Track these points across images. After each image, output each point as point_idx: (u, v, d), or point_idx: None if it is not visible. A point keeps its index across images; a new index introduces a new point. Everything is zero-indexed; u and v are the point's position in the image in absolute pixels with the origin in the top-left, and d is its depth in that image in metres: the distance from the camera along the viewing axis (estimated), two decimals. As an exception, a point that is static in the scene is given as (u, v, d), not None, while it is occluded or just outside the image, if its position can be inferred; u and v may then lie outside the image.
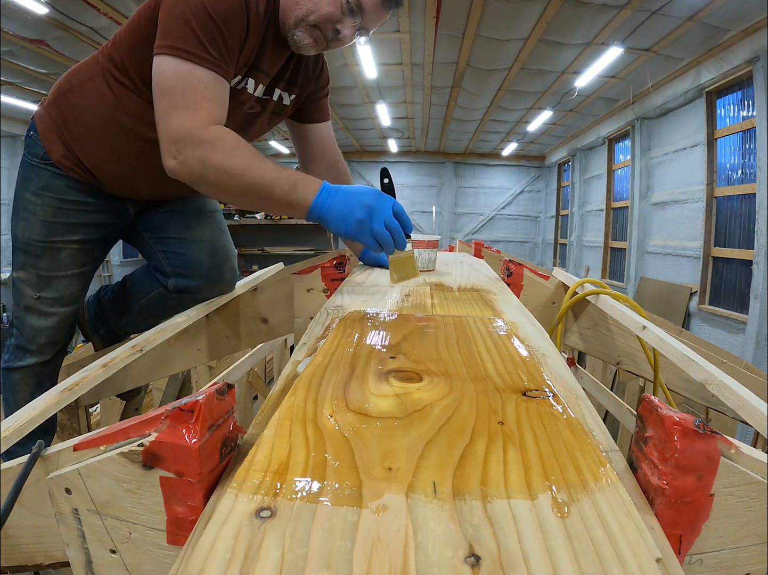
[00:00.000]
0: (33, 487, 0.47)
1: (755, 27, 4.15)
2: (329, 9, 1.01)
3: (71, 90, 1.11)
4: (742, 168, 4.85)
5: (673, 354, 0.84)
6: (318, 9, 1.01)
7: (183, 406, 0.36)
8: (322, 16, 1.02)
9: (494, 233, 11.42)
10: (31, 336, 1.19)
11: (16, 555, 0.51)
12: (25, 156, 1.18)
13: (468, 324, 0.73)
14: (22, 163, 1.19)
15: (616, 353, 1.25)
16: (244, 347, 1.40)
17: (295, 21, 1.03)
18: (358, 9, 1.02)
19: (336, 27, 1.03)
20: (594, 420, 0.45)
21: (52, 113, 1.13)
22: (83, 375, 0.86)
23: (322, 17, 1.02)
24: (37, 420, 0.71)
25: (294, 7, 1.02)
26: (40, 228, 1.15)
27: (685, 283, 5.54)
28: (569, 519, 0.30)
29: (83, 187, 1.16)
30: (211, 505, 0.35)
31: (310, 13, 1.01)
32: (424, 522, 0.29)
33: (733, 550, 0.39)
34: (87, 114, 1.10)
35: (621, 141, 7.59)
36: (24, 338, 1.20)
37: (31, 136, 1.17)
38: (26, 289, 1.17)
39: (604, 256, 7.96)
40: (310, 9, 1.01)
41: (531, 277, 1.30)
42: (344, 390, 0.47)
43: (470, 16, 4.35)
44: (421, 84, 6.37)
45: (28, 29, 4.57)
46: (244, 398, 2.48)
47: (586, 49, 4.95)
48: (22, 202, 1.16)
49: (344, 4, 1.01)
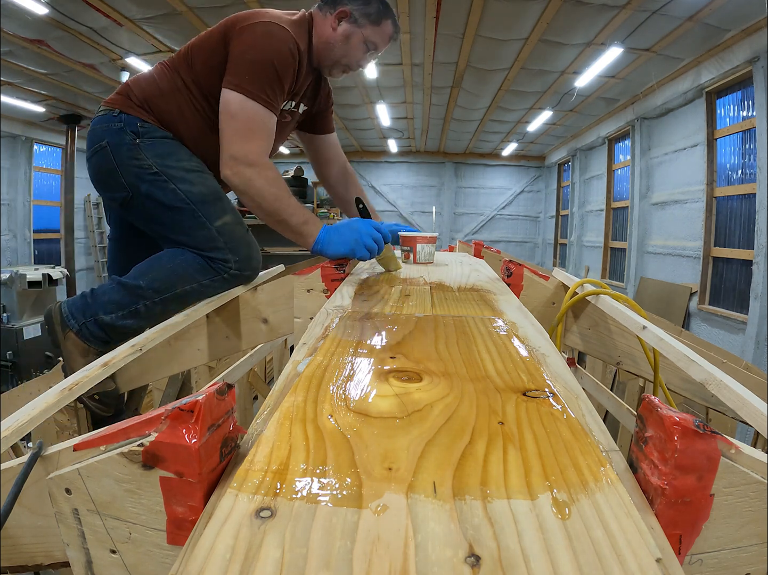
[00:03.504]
0: (33, 487, 0.47)
1: (755, 27, 4.15)
2: (358, 54, 1.41)
3: (161, 95, 1.32)
4: (742, 168, 4.84)
5: (673, 354, 0.84)
6: (348, 54, 1.40)
7: (183, 406, 0.36)
8: (352, 59, 1.41)
9: (494, 233, 11.42)
10: (256, 261, 1.36)
11: (16, 555, 0.51)
12: (147, 141, 1.29)
13: (468, 324, 0.73)
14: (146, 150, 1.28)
15: (616, 353, 1.25)
16: (244, 347, 1.39)
17: (332, 62, 1.41)
18: (375, 48, 1.42)
19: (359, 63, 1.44)
20: (594, 420, 0.45)
21: (143, 105, 1.31)
22: (83, 374, 0.85)
23: (352, 59, 1.41)
24: (37, 419, 0.71)
25: (329, 52, 1.38)
26: (209, 178, 1.33)
27: (685, 282, 5.54)
28: (569, 519, 0.30)
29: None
30: (211, 505, 0.35)
31: (342, 57, 1.40)
32: (424, 522, 0.29)
33: (733, 550, 0.39)
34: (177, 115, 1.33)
35: (621, 141, 7.59)
36: (250, 268, 1.35)
37: (142, 125, 1.30)
38: (238, 228, 1.32)
39: (604, 256, 7.96)
40: (342, 54, 1.39)
41: (531, 277, 1.30)
42: (344, 390, 0.47)
43: (470, 16, 4.35)
44: (421, 84, 6.37)
45: (28, 29, 4.57)
46: (244, 398, 2.48)
47: (586, 49, 4.95)
48: (175, 171, 1.28)
49: (366, 49, 1.41)
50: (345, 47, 1.38)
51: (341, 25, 1.36)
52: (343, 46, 1.37)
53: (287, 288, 1.27)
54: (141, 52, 5.33)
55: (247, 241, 1.34)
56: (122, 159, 1.26)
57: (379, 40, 1.41)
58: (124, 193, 1.28)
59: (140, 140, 1.27)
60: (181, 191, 1.26)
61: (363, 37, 1.38)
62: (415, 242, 1.47)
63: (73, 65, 5.60)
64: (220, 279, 1.30)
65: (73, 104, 7.30)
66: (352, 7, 1.36)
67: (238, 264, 1.30)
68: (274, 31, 1.23)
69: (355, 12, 1.36)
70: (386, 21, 1.40)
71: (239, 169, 1.22)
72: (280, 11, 1.35)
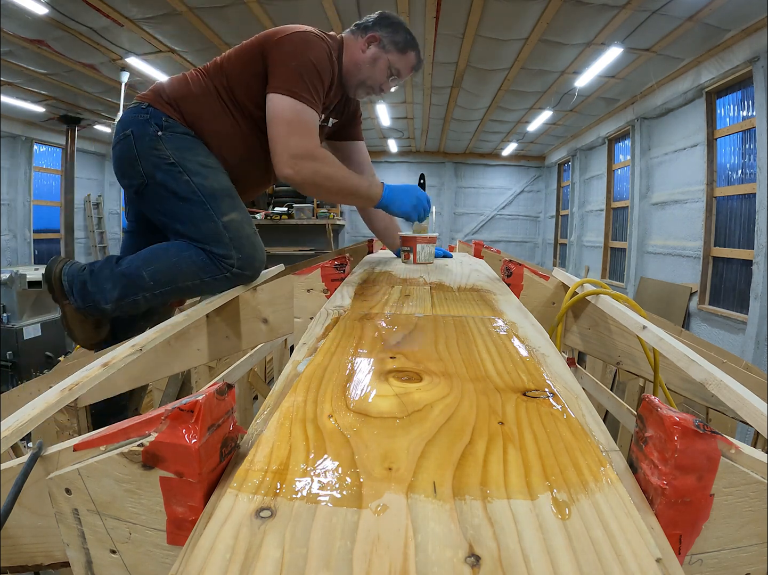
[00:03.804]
0: (33, 487, 0.47)
1: (755, 27, 4.15)
2: (381, 77, 1.51)
3: (192, 97, 1.38)
4: (742, 168, 4.84)
5: (673, 354, 0.84)
6: (373, 76, 1.50)
7: (183, 406, 0.36)
8: (376, 81, 1.51)
9: (494, 233, 11.41)
10: (259, 261, 1.38)
11: (16, 555, 0.51)
12: (170, 134, 1.34)
13: (468, 324, 0.73)
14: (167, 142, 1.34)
15: (616, 353, 1.25)
16: (244, 347, 1.39)
17: (357, 82, 1.51)
18: (397, 75, 1.53)
19: (382, 87, 1.54)
20: (594, 420, 0.45)
21: (173, 105, 1.38)
22: (83, 374, 0.85)
23: (376, 82, 1.51)
24: (37, 419, 0.71)
25: (357, 72, 1.49)
26: (222, 176, 1.38)
27: (685, 282, 5.53)
28: (569, 519, 0.30)
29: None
30: (211, 505, 0.35)
31: (367, 78, 1.50)
32: (424, 522, 0.29)
33: (733, 550, 0.39)
34: (207, 118, 1.40)
35: (621, 141, 7.59)
36: (252, 268, 1.36)
37: (167, 120, 1.35)
38: (246, 227, 1.35)
39: (604, 256, 7.96)
40: (367, 75, 1.50)
41: (531, 277, 1.30)
42: (344, 390, 0.47)
43: (470, 16, 4.35)
44: (421, 84, 6.37)
45: (28, 29, 4.57)
46: (244, 398, 2.48)
47: (586, 49, 4.95)
48: (191, 164, 1.33)
49: (389, 74, 1.51)
50: (371, 69, 1.48)
51: (370, 48, 1.48)
52: (370, 68, 1.48)
53: (287, 288, 1.27)
54: (141, 52, 5.33)
55: (253, 241, 1.35)
56: (143, 148, 1.32)
57: (402, 67, 1.52)
58: (141, 180, 1.34)
59: (162, 133, 1.33)
60: (194, 183, 1.31)
61: (388, 62, 1.49)
62: (415, 242, 1.47)
63: (73, 65, 5.60)
64: (222, 277, 1.31)
65: (73, 104, 7.30)
66: (381, 33, 1.48)
67: (240, 262, 1.31)
68: (311, 38, 1.34)
69: (384, 38, 1.48)
70: (411, 51, 1.52)
71: (303, 164, 1.29)
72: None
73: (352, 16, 4.26)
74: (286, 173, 1.30)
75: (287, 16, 4.27)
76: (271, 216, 9.88)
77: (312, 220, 9.94)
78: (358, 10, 4.30)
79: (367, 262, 1.57)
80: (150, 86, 1.46)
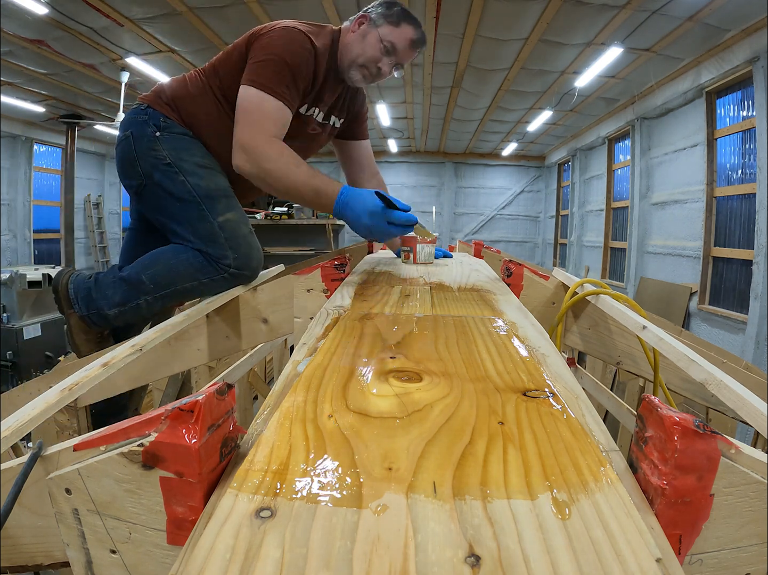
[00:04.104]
0: (33, 487, 0.47)
1: (755, 27, 4.15)
2: (372, 52, 1.41)
3: (190, 98, 1.39)
4: (742, 168, 4.84)
5: (673, 354, 0.84)
6: (364, 52, 1.41)
7: (183, 406, 0.36)
8: (368, 58, 1.42)
9: (494, 233, 11.42)
10: (256, 261, 1.37)
11: (16, 555, 0.51)
12: (168, 134, 1.35)
13: (468, 324, 0.73)
14: (165, 143, 1.34)
15: (616, 353, 1.25)
16: (244, 347, 1.39)
17: (348, 62, 1.43)
18: (393, 50, 1.42)
19: (378, 65, 1.43)
20: (594, 420, 0.45)
21: (172, 106, 1.38)
22: (83, 374, 0.85)
23: (367, 58, 1.42)
24: (37, 419, 0.71)
25: (348, 52, 1.42)
26: (219, 176, 1.37)
27: (685, 282, 5.53)
28: (569, 519, 0.30)
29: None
30: (211, 505, 0.35)
31: (359, 56, 1.42)
32: (424, 522, 0.29)
33: (733, 550, 0.39)
34: (203, 117, 1.40)
35: (621, 141, 7.59)
36: (249, 268, 1.35)
37: (165, 121, 1.36)
38: (241, 227, 1.34)
39: (604, 256, 7.96)
40: (359, 53, 1.41)
41: (531, 277, 1.30)
42: (344, 390, 0.47)
43: (470, 16, 4.35)
44: (421, 84, 6.37)
45: (28, 29, 4.57)
46: (244, 398, 2.48)
47: (586, 49, 4.95)
48: (187, 164, 1.33)
49: (382, 48, 1.41)
50: (361, 45, 1.41)
51: (360, 28, 1.44)
52: (359, 44, 1.41)
53: (287, 288, 1.27)
54: (141, 52, 5.34)
55: (249, 241, 1.35)
56: (142, 148, 1.34)
57: (396, 39, 1.41)
58: (140, 181, 1.36)
59: (160, 133, 1.34)
60: (189, 184, 1.31)
61: (379, 36, 1.40)
62: (415, 242, 1.47)
63: (73, 65, 5.60)
64: (220, 278, 1.32)
65: (73, 104, 7.30)
66: (372, 11, 1.44)
67: (237, 262, 1.31)
68: (288, 31, 1.32)
69: (373, 15, 1.43)
70: (406, 25, 1.42)
71: (250, 156, 1.26)
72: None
73: (351, 15, 4.26)
74: (235, 163, 1.28)
75: (287, 15, 4.23)
76: (271, 216, 9.87)
77: (312, 220, 9.93)
78: (358, 9, 4.30)
79: (367, 262, 1.57)
80: (151, 86, 1.47)
